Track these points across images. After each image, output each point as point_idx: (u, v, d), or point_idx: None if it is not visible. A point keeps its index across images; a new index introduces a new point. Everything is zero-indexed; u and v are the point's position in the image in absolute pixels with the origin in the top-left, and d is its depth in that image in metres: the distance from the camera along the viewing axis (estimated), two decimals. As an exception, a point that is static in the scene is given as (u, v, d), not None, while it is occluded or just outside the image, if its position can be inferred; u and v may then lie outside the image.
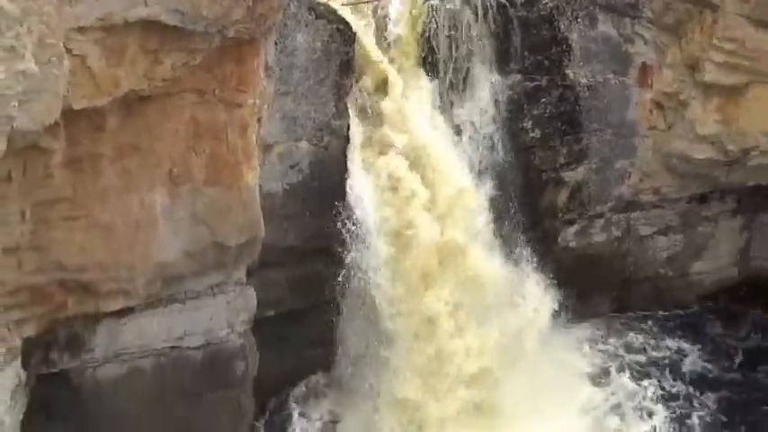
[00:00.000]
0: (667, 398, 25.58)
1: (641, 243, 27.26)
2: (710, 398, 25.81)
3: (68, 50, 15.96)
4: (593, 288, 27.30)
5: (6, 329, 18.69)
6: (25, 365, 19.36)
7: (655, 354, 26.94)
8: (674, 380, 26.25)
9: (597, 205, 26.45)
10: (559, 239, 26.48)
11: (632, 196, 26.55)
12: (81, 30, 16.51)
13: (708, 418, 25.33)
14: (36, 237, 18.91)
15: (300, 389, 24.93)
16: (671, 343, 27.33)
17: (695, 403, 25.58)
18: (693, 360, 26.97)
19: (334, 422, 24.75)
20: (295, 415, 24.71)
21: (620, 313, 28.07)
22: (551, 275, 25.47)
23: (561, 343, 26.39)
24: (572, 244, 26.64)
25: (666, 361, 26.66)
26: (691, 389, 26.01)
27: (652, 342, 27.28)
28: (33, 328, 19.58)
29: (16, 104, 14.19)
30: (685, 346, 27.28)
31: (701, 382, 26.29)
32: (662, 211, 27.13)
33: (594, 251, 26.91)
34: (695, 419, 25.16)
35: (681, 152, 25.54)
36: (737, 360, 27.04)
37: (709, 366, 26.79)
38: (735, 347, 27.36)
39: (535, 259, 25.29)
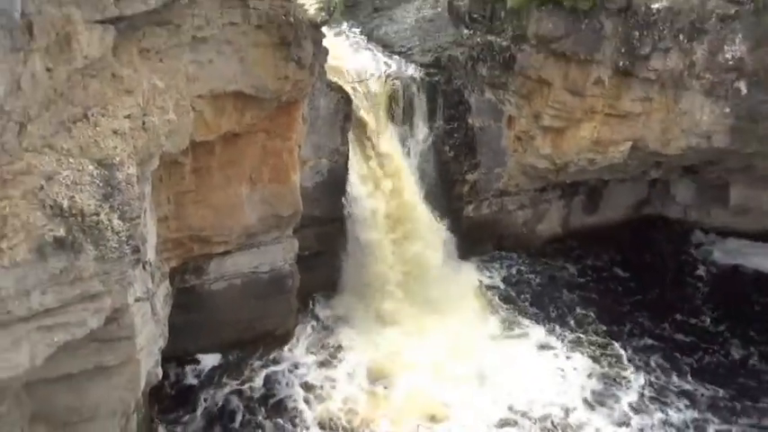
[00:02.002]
0: (521, 292, 27.51)
1: (509, 214, 28.62)
2: (533, 281, 28.17)
3: (193, 108, 17.92)
4: (483, 238, 28.30)
5: (161, 262, 20.37)
6: (171, 283, 21.31)
7: (513, 271, 28.43)
8: (524, 283, 28.02)
9: (484, 193, 27.90)
10: (464, 212, 27.95)
11: (504, 188, 27.90)
12: (200, 96, 18.49)
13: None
14: (176, 211, 20.83)
15: (321, 294, 26.23)
16: (524, 268, 28.60)
17: (526, 288, 27.71)
18: (535, 276, 28.51)
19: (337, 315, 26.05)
20: (318, 307, 26.19)
21: (497, 251, 28.85)
22: (459, 231, 27.55)
23: (465, 266, 27.92)
24: (471, 215, 28.11)
25: (522, 276, 28.26)
26: (524, 285, 27.94)
27: (514, 267, 28.56)
28: (175, 262, 21.78)
29: (165, 138, 15.70)
30: (531, 268, 28.76)
31: (528, 281, 28.20)
32: (520, 197, 28.28)
33: (483, 219, 28.27)
34: (527, 294, 27.47)
35: (530, 164, 27.22)
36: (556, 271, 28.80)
37: (534, 276, 28.51)
38: (557, 267, 29.03)
39: (448, 221, 27.12)
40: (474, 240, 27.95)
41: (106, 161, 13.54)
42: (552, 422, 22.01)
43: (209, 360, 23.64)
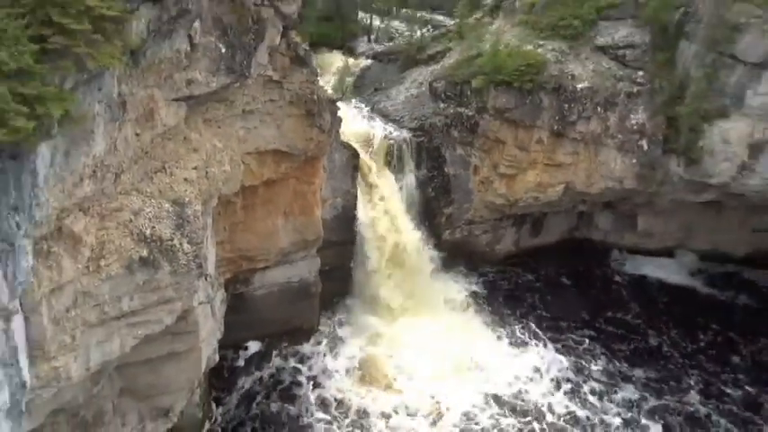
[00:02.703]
0: (494, 293, 27.01)
1: (476, 237, 28.17)
2: (503, 286, 27.62)
3: (242, 162, 18.08)
4: (458, 255, 27.82)
5: (219, 275, 19.77)
6: (226, 290, 20.86)
7: (481, 282, 27.76)
8: (495, 288, 27.54)
9: (457, 222, 27.59)
10: (443, 236, 27.57)
11: (471, 218, 27.56)
12: (248, 153, 18.62)
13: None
14: (229, 237, 20.58)
15: (337, 299, 25.61)
16: (489, 278, 28.11)
17: (497, 290, 27.15)
18: (501, 282, 28.07)
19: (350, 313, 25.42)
20: (335, 308, 25.50)
21: (467, 269, 28.01)
22: (440, 250, 27.20)
23: (443, 277, 27.18)
24: (448, 238, 27.65)
25: (489, 285, 27.64)
26: (495, 288, 27.42)
27: (481, 279, 27.96)
28: (229, 274, 21.34)
29: (222, 184, 15.89)
30: (497, 276, 28.29)
31: (498, 286, 27.72)
32: (483, 225, 27.95)
33: (457, 241, 27.84)
34: (499, 293, 26.95)
35: (490, 201, 27.09)
36: (518, 278, 28.44)
37: (503, 282, 28.09)
38: (513, 273, 28.58)
39: (432, 242, 26.99)
40: (452, 257, 27.67)
41: (179, 200, 13.73)
42: (523, 399, 21.42)
43: (254, 347, 23.39)
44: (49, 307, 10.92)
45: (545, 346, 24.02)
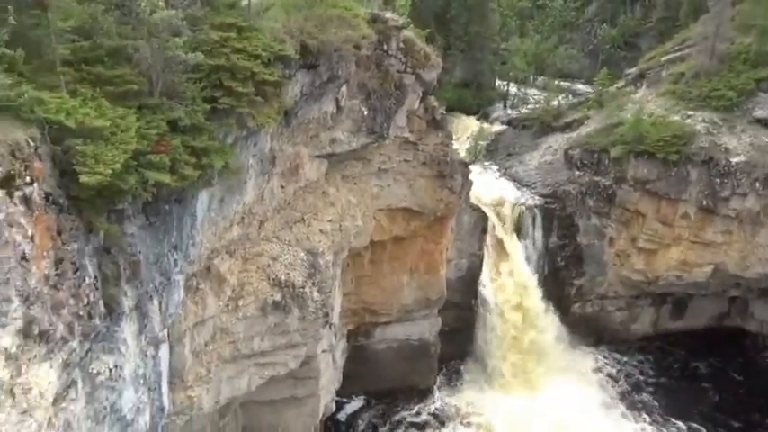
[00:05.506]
0: (622, 379, 24.96)
1: (608, 314, 26.81)
2: (635, 367, 25.61)
3: (374, 218, 18.69)
4: (586, 331, 26.45)
5: (342, 325, 20.11)
6: (347, 341, 21.25)
7: (611, 361, 26.10)
8: (622, 370, 25.54)
9: (588, 295, 26.37)
10: (571, 309, 26.38)
11: (604, 293, 26.34)
12: (380, 209, 19.17)
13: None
14: (356, 289, 21.05)
15: (455, 362, 25.02)
16: (620, 358, 26.29)
17: (625, 376, 25.13)
18: (633, 364, 26.05)
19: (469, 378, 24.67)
20: (453, 371, 24.93)
21: (596, 346, 26.57)
22: (568, 323, 25.87)
23: (569, 352, 25.74)
24: (577, 312, 26.44)
25: (619, 366, 25.84)
26: (622, 373, 25.34)
27: (611, 358, 26.35)
28: (352, 325, 21.72)
29: (353, 237, 16.54)
30: (629, 358, 26.21)
31: (629, 368, 25.70)
32: (617, 301, 26.68)
33: (587, 316, 26.63)
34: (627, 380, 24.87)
35: (626, 276, 25.69)
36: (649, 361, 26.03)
37: (633, 363, 25.93)
38: (648, 356, 26.39)
39: (559, 314, 25.65)
40: (580, 332, 26.17)
41: (313, 250, 14.39)
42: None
43: (360, 402, 23.10)
44: (191, 339, 11.88)
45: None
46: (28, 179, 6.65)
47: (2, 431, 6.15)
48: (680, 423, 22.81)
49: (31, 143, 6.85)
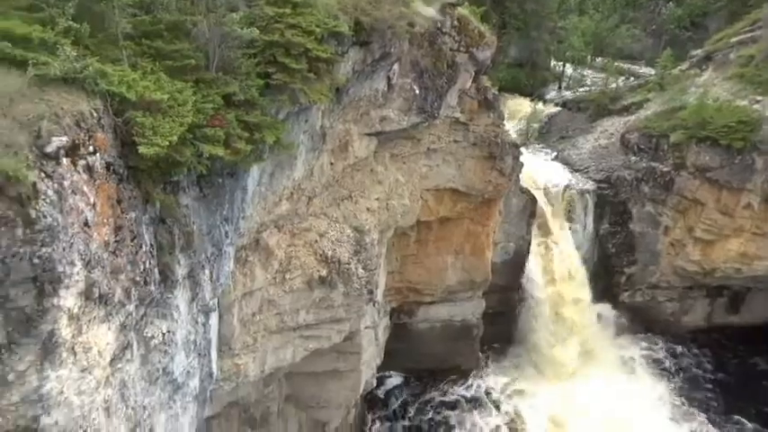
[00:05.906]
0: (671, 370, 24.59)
1: (659, 304, 26.19)
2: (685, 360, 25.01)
3: (421, 197, 18.56)
4: (635, 321, 26.04)
5: (385, 303, 20.56)
6: (390, 318, 21.56)
7: (662, 351, 25.59)
8: (673, 364, 25.03)
9: (639, 284, 25.87)
10: (620, 298, 26.03)
11: (656, 282, 25.75)
12: (427, 189, 19.02)
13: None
14: (400, 268, 21.14)
15: (498, 345, 24.99)
16: (673, 348, 25.81)
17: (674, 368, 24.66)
18: (683, 358, 25.40)
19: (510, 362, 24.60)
20: (495, 354, 24.89)
21: (645, 336, 26.12)
22: (617, 312, 25.56)
23: (618, 340, 25.45)
24: (626, 300, 26.06)
25: (671, 357, 25.32)
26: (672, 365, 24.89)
27: (663, 348, 25.78)
28: (395, 303, 21.91)
29: (400, 217, 16.43)
30: (677, 351, 25.70)
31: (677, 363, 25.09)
32: (669, 291, 26.05)
33: (637, 305, 26.15)
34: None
35: (681, 266, 24.96)
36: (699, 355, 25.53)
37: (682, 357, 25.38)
38: (699, 350, 25.68)
39: (607, 301, 25.40)
40: (628, 321, 25.72)
41: (359, 228, 14.47)
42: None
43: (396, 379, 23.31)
44: (240, 309, 12.23)
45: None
46: (91, 149, 6.85)
47: (64, 387, 6.46)
48: (741, 419, 22.22)
49: (95, 114, 7.04)
